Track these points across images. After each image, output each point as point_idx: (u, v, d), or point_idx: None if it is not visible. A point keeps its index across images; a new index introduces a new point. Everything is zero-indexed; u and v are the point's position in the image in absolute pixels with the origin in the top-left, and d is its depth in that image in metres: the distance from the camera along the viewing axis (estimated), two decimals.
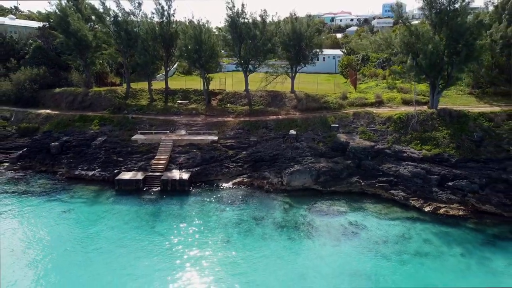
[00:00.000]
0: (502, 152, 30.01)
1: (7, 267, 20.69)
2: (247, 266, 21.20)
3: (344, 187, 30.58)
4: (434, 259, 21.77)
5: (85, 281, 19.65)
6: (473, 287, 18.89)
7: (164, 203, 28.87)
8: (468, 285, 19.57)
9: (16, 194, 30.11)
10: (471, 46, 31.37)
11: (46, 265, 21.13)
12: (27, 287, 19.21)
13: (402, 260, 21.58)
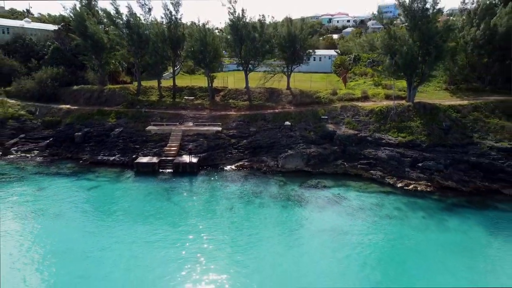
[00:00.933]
0: (466, 139, 35.30)
1: (52, 223, 25.91)
2: (248, 225, 26.41)
3: (330, 168, 35.86)
4: (401, 220, 27.02)
5: (119, 237, 24.85)
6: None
7: (177, 181, 34.14)
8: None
9: (49, 175, 35.37)
10: (440, 48, 36.66)
11: (82, 227, 26.31)
12: (63, 240, 24.37)
13: (374, 221, 26.81)
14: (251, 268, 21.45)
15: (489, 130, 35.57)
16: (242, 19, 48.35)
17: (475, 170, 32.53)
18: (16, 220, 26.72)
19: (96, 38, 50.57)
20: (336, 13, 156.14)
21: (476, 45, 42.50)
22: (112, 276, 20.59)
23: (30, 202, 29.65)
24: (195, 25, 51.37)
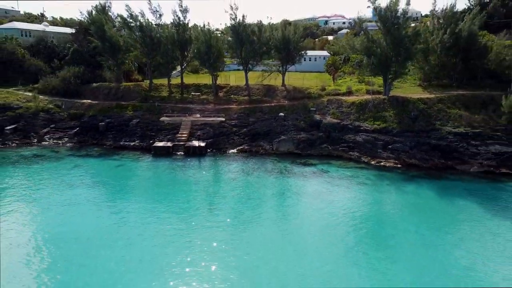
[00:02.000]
0: (429, 126, 42.67)
1: (92, 189, 33.23)
2: (249, 190, 33.71)
3: (317, 151, 43.21)
4: (370, 186, 34.35)
5: (144, 199, 32.14)
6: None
7: (188, 161, 41.50)
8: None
9: (81, 156, 42.74)
10: (409, 50, 44.10)
11: (117, 192, 33.62)
12: (103, 199, 31.67)
13: (348, 187, 34.15)
14: (251, 215, 28.68)
15: (449, 119, 42.93)
16: (242, 24, 55.64)
17: (435, 150, 39.90)
18: (64, 186, 33.99)
19: (113, 41, 57.98)
20: (333, 15, 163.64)
21: (444, 47, 49.85)
22: (145, 220, 27.81)
23: (70, 175, 36.95)
24: (201, 29, 58.70)
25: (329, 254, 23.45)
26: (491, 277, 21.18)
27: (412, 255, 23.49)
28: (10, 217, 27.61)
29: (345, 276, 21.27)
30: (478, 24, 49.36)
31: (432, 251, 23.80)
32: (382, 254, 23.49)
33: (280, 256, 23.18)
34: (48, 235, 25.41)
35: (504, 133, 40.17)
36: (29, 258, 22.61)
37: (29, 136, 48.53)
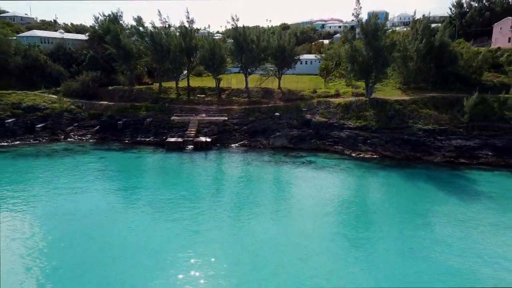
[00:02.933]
0: (403, 123, 50.15)
1: (118, 175, 40.68)
2: (249, 175, 41.17)
3: (307, 145, 50.70)
4: (349, 173, 41.80)
5: (161, 182, 39.59)
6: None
7: (197, 153, 49.02)
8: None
9: (104, 150, 50.23)
10: (386, 58, 51.56)
11: (139, 176, 41.09)
12: (129, 182, 39.11)
13: (331, 173, 41.58)
14: (250, 196, 36.09)
15: (420, 117, 50.41)
16: (242, 34, 63.06)
17: (406, 144, 47.41)
18: (95, 172, 41.44)
19: (127, 48, 65.51)
20: (329, 19, 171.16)
21: (420, 55, 57.31)
22: (160, 198, 35.22)
23: (97, 164, 44.43)
24: (205, 38, 66.21)
25: (313, 222, 30.89)
26: (439, 234, 28.58)
27: (378, 223, 30.98)
28: (61, 195, 35.09)
29: (319, 230, 28.70)
30: (448, 35, 56.79)
31: (394, 221, 31.26)
32: (355, 223, 30.97)
33: (270, 221, 30.65)
34: (91, 207, 32.81)
35: (465, 130, 47.71)
36: (82, 220, 30.07)
37: (57, 133, 56.04)
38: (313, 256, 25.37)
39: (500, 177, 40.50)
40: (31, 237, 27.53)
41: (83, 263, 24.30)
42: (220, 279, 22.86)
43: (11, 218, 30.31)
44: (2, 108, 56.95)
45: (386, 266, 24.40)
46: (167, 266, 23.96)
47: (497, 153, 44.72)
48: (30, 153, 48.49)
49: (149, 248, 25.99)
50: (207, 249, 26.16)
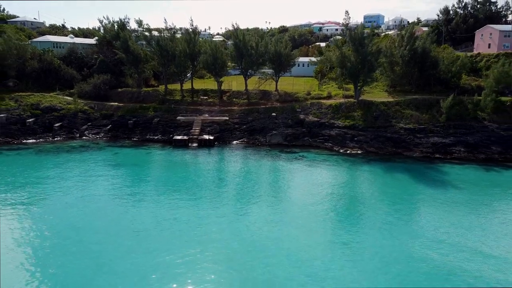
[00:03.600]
0: (387, 123, 55.93)
1: (132, 168, 46.46)
2: (247, 168, 46.96)
3: (300, 142, 56.51)
4: (337, 167, 47.58)
5: (171, 173, 45.38)
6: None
7: (201, 150, 54.81)
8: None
9: (117, 147, 56.02)
10: (372, 64, 57.37)
11: (151, 170, 46.87)
12: (140, 175, 44.89)
13: (319, 166, 47.38)
14: (248, 186, 41.87)
15: (403, 117, 56.22)
16: (243, 41, 68.81)
17: (389, 141, 53.21)
18: (111, 166, 47.24)
19: (136, 53, 71.34)
20: (326, 22, 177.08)
21: (404, 60, 63.12)
22: (170, 187, 40.95)
23: (113, 159, 50.23)
24: (208, 44, 72.01)
25: (302, 205, 36.69)
26: (411, 213, 34.34)
27: (360, 205, 36.79)
28: (82, 185, 40.87)
29: (305, 209, 34.46)
30: (431, 42, 62.63)
31: (373, 203, 37.04)
32: (340, 206, 36.78)
33: (265, 205, 36.45)
34: (109, 194, 38.57)
35: (442, 128, 53.53)
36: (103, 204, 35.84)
37: (73, 132, 61.85)
38: (305, 231, 31.12)
39: (468, 170, 46.33)
40: (69, 216, 33.25)
41: (104, 230, 30.08)
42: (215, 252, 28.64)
43: (48, 201, 36.06)
44: (22, 108, 62.76)
45: (363, 236, 30.15)
46: (183, 235, 29.74)
47: (468, 149, 50.56)
48: (51, 149, 54.29)
49: (162, 224, 31.77)
50: (212, 226, 31.94)
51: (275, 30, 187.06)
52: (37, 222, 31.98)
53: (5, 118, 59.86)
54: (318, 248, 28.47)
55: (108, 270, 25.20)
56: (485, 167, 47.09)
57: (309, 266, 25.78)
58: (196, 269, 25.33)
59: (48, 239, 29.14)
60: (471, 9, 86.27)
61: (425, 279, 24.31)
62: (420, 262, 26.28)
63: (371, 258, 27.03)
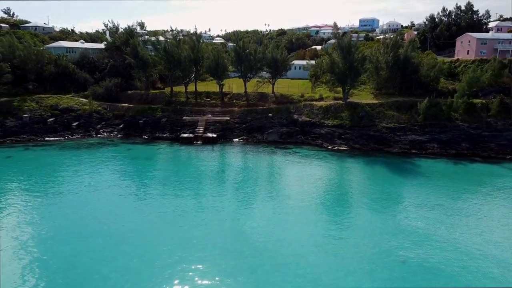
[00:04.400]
0: (371, 122, 63.16)
1: (145, 161, 53.66)
2: (246, 162, 54.16)
3: (293, 140, 63.74)
4: (324, 160, 54.77)
5: (180, 167, 52.57)
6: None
7: (205, 146, 62.03)
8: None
9: (129, 143, 63.20)
10: (358, 70, 64.64)
11: (161, 163, 54.07)
12: (154, 167, 52.07)
13: (311, 161, 54.55)
14: (247, 177, 49.05)
15: (385, 118, 63.44)
16: (242, 47, 76.00)
17: (372, 139, 60.44)
18: (126, 159, 54.41)
19: (144, 58, 78.54)
20: (323, 25, 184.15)
21: (388, 65, 70.37)
22: (178, 177, 48.10)
23: (127, 154, 57.39)
24: (211, 50, 79.23)
25: (294, 191, 43.90)
26: (387, 197, 41.52)
27: (343, 191, 44.04)
28: (104, 175, 48.02)
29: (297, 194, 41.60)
30: (411, 50, 69.96)
31: (355, 189, 44.26)
32: (326, 192, 44.03)
33: (262, 190, 43.67)
34: (127, 182, 45.73)
35: (419, 127, 60.79)
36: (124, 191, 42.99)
37: (89, 130, 69.03)
38: (297, 211, 38.33)
39: (440, 163, 53.57)
40: (96, 200, 40.42)
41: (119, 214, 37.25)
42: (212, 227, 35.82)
43: (80, 188, 43.22)
44: (43, 109, 69.93)
45: (348, 214, 37.37)
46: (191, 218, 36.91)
47: (441, 145, 57.84)
48: (72, 146, 61.48)
49: (174, 209, 38.95)
50: (217, 211, 39.15)
51: (273, 33, 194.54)
52: (75, 205, 39.20)
53: (29, 118, 67.04)
54: (309, 224, 35.68)
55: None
56: (454, 161, 54.37)
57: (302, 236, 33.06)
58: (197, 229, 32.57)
59: (84, 217, 36.36)
60: (454, 17, 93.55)
61: (400, 240, 31.47)
62: (396, 229, 33.51)
63: (360, 230, 34.28)
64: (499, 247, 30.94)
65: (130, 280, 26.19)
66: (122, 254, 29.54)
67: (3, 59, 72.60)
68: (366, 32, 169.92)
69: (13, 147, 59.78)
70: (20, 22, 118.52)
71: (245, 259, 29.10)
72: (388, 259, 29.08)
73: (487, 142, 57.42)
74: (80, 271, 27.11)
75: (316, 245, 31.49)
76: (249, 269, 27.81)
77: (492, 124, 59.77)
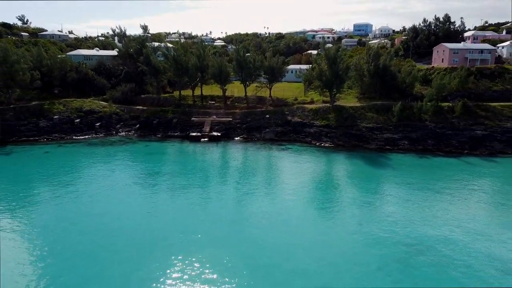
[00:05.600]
0: (354, 123, 74.50)
1: (160, 156, 65.05)
2: (245, 155, 65.53)
3: (287, 138, 75.12)
4: (312, 155, 66.12)
5: (189, 160, 63.98)
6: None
7: (211, 143, 73.43)
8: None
9: (146, 141, 74.61)
10: (343, 78, 76.01)
11: (173, 157, 65.47)
12: (168, 160, 63.47)
13: (301, 155, 65.88)
14: (247, 169, 60.38)
15: (365, 119, 74.76)
16: (243, 57, 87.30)
17: (353, 137, 71.79)
18: (144, 154, 65.78)
19: (156, 66, 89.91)
20: (319, 30, 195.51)
21: (370, 73, 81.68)
22: (185, 167, 59.41)
23: (145, 149, 68.76)
24: (215, 59, 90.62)
25: (285, 179, 55.26)
26: (364, 184, 52.83)
27: (326, 179, 55.43)
28: (128, 166, 59.35)
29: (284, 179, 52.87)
30: (389, 59, 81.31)
31: (336, 178, 55.62)
32: (312, 180, 55.39)
33: (259, 178, 55.02)
34: (147, 172, 57.06)
35: (393, 127, 72.13)
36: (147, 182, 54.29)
37: (110, 130, 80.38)
38: (291, 195, 49.66)
39: (408, 157, 64.87)
40: (125, 187, 51.71)
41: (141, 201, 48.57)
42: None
43: (109, 176, 54.54)
44: (70, 111, 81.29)
45: (324, 195, 48.72)
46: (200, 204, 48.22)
47: (411, 142, 69.20)
48: (97, 143, 72.87)
49: (184, 195, 50.26)
50: (221, 199, 50.48)
51: (272, 37, 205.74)
52: (104, 191, 50.59)
53: (58, 119, 78.42)
54: (300, 204, 47.05)
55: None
56: (420, 155, 65.68)
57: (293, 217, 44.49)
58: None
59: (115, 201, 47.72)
60: (434, 27, 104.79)
61: (367, 213, 42.79)
62: (372, 206, 44.86)
63: (338, 206, 45.69)
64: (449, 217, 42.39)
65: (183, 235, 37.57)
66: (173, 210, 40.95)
67: (34, 68, 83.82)
68: (360, 36, 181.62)
69: (48, 144, 71.19)
70: (37, 30, 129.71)
71: (237, 226, 40.48)
72: (354, 224, 40.51)
73: (449, 139, 68.80)
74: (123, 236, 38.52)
75: (302, 215, 42.87)
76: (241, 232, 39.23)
77: (455, 124, 71.17)
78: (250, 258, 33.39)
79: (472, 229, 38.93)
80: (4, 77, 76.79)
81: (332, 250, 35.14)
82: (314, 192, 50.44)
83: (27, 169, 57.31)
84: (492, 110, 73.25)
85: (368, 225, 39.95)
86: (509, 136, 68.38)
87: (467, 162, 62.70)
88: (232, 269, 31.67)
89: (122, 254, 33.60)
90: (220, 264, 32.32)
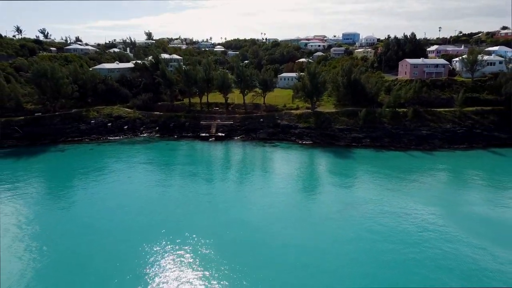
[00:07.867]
0: (329, 125, 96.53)
1: (176, 151, 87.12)
2: (244, 151, 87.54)
3: (276, 137, 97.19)
4: (296, 151, 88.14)
5: (199, 154, 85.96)
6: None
7: (217, 142, 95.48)
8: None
9: (165, 140, 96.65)
10: (320, 90, 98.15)
11: (189, 152, 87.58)
12: (185, 154, 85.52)
13: (287, 151, 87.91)
14: (245, 162, 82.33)
15: (338, 122, 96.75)
16: (242, 70, 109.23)
17: (328, 136, 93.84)
18: (166, 150, 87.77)
19: (170, 79, 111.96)
20: (312, 38, 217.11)
21: (344, 84, 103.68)
22: (191, 158, 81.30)
23: (166, 146, 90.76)
24: (219, 73, 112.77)
25: (274, 168, 77.29)
26: (335, 172, 74.85)
27: (305, 169, 77.61)
28: (153, 158, 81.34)
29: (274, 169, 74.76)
30: (359, 74, 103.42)
31: (312, 167, 77.74)
32: (294, 169, 77.48)
33: (255, 168, 77.08)
34: (165, 166, 78.97)
35: (359, 129, 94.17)
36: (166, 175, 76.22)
37: (135, 131, 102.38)
38: (281, 183, 71.57)
39: (369, 152, 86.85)
40: (153, 177, 73.55)
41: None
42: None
43: (140, 168, 76.45)
44: (103, 117, 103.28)
45: (305, 181, 70.76)
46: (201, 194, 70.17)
47: (372, 140, 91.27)
48: (127, 142, 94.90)
49: (193, 184, 72.22)
50: (223, 190, 72.42)
51: (268, 44, 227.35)
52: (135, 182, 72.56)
53: (95, 123, 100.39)
54: (287, 190, 69.02)
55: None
56: (377, 150, 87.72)
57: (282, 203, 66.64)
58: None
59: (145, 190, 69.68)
60: (402, 43, 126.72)
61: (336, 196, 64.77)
62: (343, 188, 66.83)
63: (315, 189, 67.82)
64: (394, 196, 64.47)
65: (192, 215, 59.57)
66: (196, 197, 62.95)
67: (72, 82, 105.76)
68: (348, 45, 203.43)
69: (90, 144, 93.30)
70: (62, 44, 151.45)
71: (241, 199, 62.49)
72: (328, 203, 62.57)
73: (401, 138, 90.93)
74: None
75: (287, 198, 64.87)
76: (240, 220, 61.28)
77: (407, 126, 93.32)
78: (241, 231, 55.52)
79: (403, 194, 61.12)
80: (52, 90, 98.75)
81: (308, 222, 57.22)
82: (297, 178, 72.34)
83: (83, 161, 79.37)
84: (437, 114, 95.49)
85: (336, 199, 62.04)
86: (447, 135, 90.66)
87: (412, 155, 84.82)
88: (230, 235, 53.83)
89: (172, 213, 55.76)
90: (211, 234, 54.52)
